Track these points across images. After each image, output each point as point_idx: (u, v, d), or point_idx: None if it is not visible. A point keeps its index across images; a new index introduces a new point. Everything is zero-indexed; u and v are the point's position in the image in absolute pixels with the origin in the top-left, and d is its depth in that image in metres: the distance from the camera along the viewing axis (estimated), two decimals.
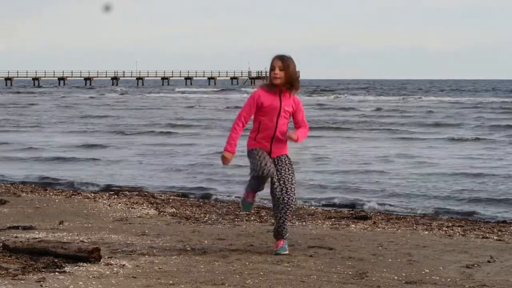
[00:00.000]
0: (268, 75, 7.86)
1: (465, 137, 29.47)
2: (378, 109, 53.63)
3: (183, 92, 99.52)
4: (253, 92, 7.86)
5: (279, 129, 7.77)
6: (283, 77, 7.73)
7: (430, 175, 17.90)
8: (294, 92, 7.83)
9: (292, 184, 7.79)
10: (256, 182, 7.84)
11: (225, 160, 7.79)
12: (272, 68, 7.74)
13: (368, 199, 14.43)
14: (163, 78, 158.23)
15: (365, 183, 16.62)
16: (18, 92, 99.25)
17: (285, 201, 7.77)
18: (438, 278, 6.96)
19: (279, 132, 7.78)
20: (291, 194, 7.77)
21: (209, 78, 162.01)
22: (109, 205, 11.97)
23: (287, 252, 7.88)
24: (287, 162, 7.83)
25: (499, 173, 18.22)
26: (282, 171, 7.79)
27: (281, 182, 7.78)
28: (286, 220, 7.86)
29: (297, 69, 8.02)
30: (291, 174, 7.80)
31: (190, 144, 26.72)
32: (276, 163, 7.81)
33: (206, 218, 10.80)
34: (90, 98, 79.28)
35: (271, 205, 8.06)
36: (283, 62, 7.74)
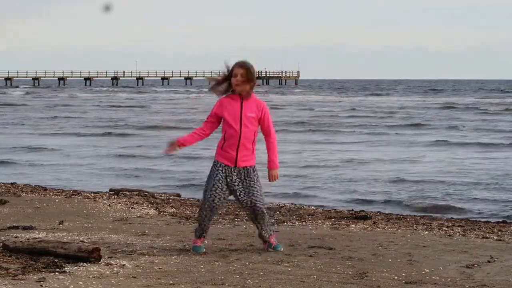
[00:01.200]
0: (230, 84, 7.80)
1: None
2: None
3: (155, 92, 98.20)
4: (219, 100, 7.87)
5: (243, 137, 7.76)
6: (244, 84, 7.75)
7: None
8: (252, 89, 7.81)
9: (255, 190, 7.82)
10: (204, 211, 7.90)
11: (170, 148, 7.88)
12: (234, 75, 7.74)
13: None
14: (163, 78, 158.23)
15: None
16: None
17: (252, 204, 7.82)
18: (438, 278, 6.95)
19: (245, 139, 7.76)
20: (257, 197, 7.82)
21: None
22: (109, 205, 11.97)
23: (282, 248, 7.98)
24: (251, 174, 7.82)
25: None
26: (245, 182, 7.81)
27: (245, 191, 7.81)
28: (264, 222, 7.96)
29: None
30: (254, 185, 7.82)
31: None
32: (242, 173, 7.81)
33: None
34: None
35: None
36: (245, 69, 7.76)
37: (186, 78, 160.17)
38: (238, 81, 7.74)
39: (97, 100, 74.13)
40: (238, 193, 7.82)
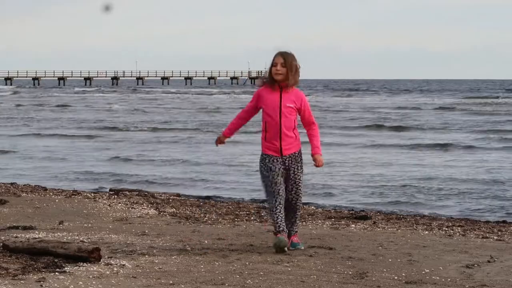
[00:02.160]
0: (267, 72, 7.91)
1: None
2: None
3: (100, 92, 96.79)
4: (256, 91, 7.99)
5: (284, 126, 7.84)
6: (284, 73, 7.79)
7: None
8: (293, 86, 7.88)
9: (300, 184, 7.97)
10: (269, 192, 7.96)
11: (219, 140, 8.15)
12: (274, 64, 7.81)
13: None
14: (163, 78, 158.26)
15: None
16: None
17: (293, 201, 7.99)
18: (438, 278, 6.95)
19: (285, 129, 7.84)
20: (299, 194, 8.00)
21: (209, 78, 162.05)
22: (109, 205, 11.97)
23: (303, 247, 8.09)
24: (298, 160, 7.94)
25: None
26: (291, 171, 7.92)
27: (292, 183, 7.94)
28: (296, 219, 8.08)
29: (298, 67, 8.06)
30: (299, 174, 7.96)
31: None
32: (288, 162, 7.90)
33: (206, 218, 10.79)
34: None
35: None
36: (285, 58, 7.80)
37: (186, 78, 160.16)
38: (278, 70, 7.78)
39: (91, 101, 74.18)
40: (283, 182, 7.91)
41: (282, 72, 7.78)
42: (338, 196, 15.55)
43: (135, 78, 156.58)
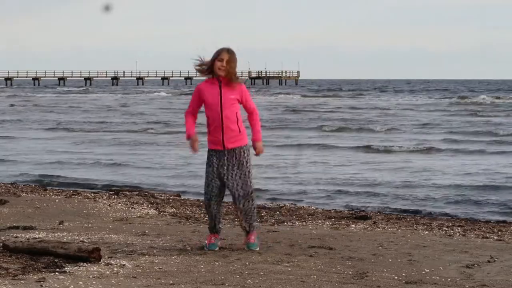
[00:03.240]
0: (212, 66, 7.90)
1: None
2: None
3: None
4: (196, 86, 8.06)
5: (225, 118, 7.88)
6: (227, 70, 7.86)
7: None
8: (234, 82, 7.92)
9: (246, 179, 7.95)
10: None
11: (193, 145, 8.00)
12: (220, 59, 7.86)
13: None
14: (163, 78, 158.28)
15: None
16: None
17: (239, 197, 7.97)
18: (438, 278, 6.96)
19: (228, 121, 7.88)
20: (246, 190, 7.98)
21: None
22: (109, 205, 11.97)
23: (257, 248, 8.03)
24: (243, 155, 7.95)
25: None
26: (236, 166, 7.93)
27: (237, 177, 7.94)
28: (251, 211, 8.07)
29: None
30: (243, 168, 7.94)
31: None
32: (232, 156, 7.92)
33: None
34: None
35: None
36: (230, 55, 7.89)
37: (186, 78, 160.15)
38: (223, 66, 7.87)
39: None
40: (225, 178, 7.94)
41: (226, 68, 7.86)
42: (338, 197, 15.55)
43: (135, 78, 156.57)
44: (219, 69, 7.87)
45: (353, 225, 10.28)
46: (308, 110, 52.59)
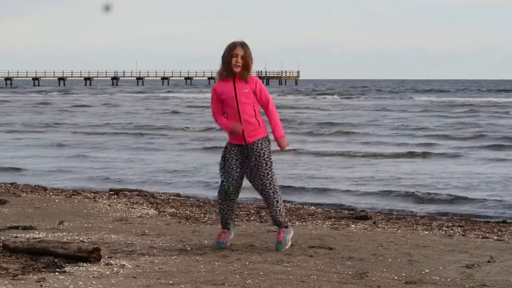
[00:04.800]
0: (228, 64, 7.78)
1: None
2: None
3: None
4: (212, 88, 7.98)
5: (243, 113, 7.82)
6: (243, 65, 7.79)
7: None
8: (246, 79, 7.83)
9: (264, 171, 7.86)
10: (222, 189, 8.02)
11: (238, 128, 7.82)
12: (235, 56, 7.76)
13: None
14: (163, 78, 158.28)
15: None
16: None
17: (261, 188, 7.90)
18: (438, 278, 6.96)
19: (246, 115, 7.82)
20: (271, 182, 7.88)
21: (209, 78, 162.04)
22: (109, 205, 11.97)
23: (287, 246, 8.00)
24: (263, 146, 7.87)
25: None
26: (255, 158, 7.86)
27: (252, 171, 7.88)
28: (274, 207, 7.96)
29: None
30: (261, 162, 7.86)
31: None
32: (254, 150, 7.87)
33: (206, 218, 10.80)
34: None
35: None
36: (245, 50, 7.80)
37: (186, 78, 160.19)
38: (238, 62, 7.78)
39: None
40: (248, 172, 7.91)
41: (241, 65, 7.78)
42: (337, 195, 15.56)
43: (135, 78, 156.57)
44: (234, 65, 7.77)
45: (353, 225, 10.28)
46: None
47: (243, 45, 7.82)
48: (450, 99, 75.26)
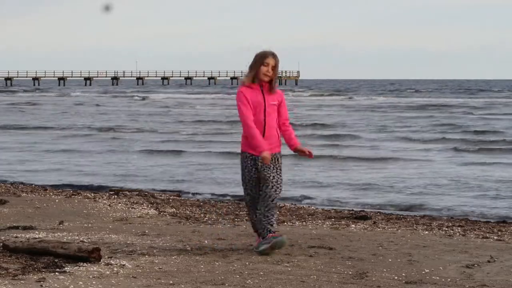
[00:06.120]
0: (252, 71, 7.74)
1: None
2: None
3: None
4: (238, 92, 7.80)
5: (268, 125, 7.77)
6: (272, 75, 7.75)
7: None
8: (274, 90, 7.81)
9: (277, 181, 7.80)
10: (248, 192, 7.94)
11: (266, 160, 7.70)
12: (266, 64, 7.70)
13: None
14: (163, 78, 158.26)
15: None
16: None
17: (268, 195, 7.80)
18: (438, 278, 6.95)
19: (269, 127, 7.78)
20: (275, 188, 7.80)
21: (209, 78, 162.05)
22: (109, 205, 11.97)
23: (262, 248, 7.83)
24: (279, 161, 7.83)
25: None
26: (270, 169, 7.78)
27: (271, 179, 7.79)
28: (271, 214, 7.89)
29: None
30: (275, 173, 7.80)
31: None
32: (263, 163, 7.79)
33: (206, 218, 10.80)
34: None
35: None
36: (276, 61, 7.75)
37: (186, 78, 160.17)
38: (268, 72, 7.72)
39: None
40: (262, 183, 7.82)
41: (271, 75, 7.73)
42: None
43: (135, 78, 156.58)
44: (264, 74, 7.70)
45: (353, 225, 10.28)
46: None
47: (275, 56, 7.75)
48: (407, 99, 75.80)
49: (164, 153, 24.37)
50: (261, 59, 7.72)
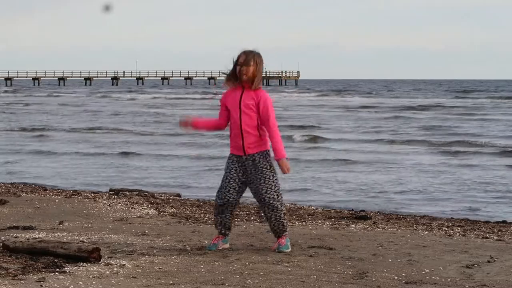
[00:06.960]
0: (235, 71, 7.76)
1: None
2: None
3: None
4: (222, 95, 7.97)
5: (244, 124, 7.75)
6: (250, 74, 7.73)
7: None
8: (254, 87, 7.76)
9: (269, 184, 7.79)
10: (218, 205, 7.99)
11: (184, 122, 8.04)
12: (239, 64, 7.71)
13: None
14: (163, 78, 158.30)
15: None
16: None
17: (265, 202, 7.82)
18: (438, 278, 6.95)
19: (247, 127, 7.76)
20: (270, 194, 7.80)
21: (209, 78, 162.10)
22: (109, 205, 11.97)
23: (288, 250, 7.93)
24: (263, 160, 7.80)
25: None
26: (258, 171, 7.79)
27: (260, 182, 7.79)
28: (277, 218, 7.88)
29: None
30: (267, 173, 7.79)
31: None
32: (254, 162, 7.80)
33: (206, 218, 10.79)
34: None
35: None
36: (248, 58, 7.72)
37: (186, 78, 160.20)
38: (247, 70, 7.72)
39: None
40: (248, 184, 7.85)
41: (248, 73, 7.70)
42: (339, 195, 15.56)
43: (135, 78, 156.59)
44: (238, 73, 7.74)
45: (353, 225, 10.28)
46: None
47: (247, 53, 7.74)
48: (380, 100, 76.32)
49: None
50: (236, 60, 7.76)
